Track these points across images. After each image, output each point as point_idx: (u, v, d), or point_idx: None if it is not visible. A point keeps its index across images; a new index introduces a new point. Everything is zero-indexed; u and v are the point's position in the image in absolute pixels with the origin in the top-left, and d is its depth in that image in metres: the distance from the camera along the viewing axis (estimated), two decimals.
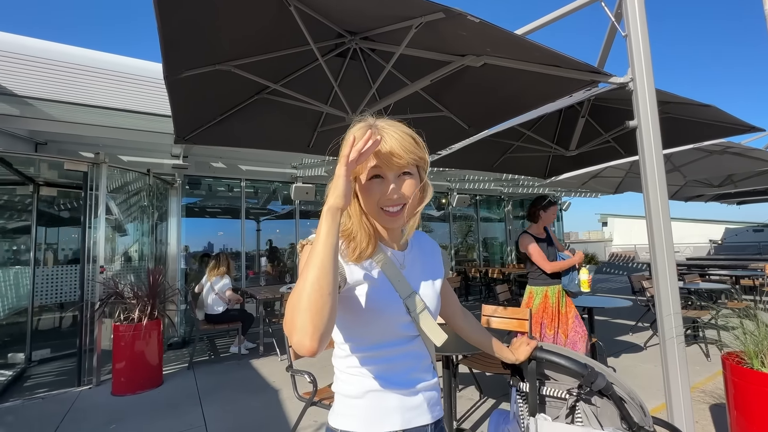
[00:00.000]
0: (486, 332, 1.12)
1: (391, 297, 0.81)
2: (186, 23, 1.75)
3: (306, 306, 0.60)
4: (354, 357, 0.82)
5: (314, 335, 0.59)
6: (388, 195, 0.77)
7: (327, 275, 0.62)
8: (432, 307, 0.87)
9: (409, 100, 2.81)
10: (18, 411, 3.17)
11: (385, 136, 0.75)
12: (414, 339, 0.84)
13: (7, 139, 4.04)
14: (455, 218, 9.30)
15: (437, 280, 0.92)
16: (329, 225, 0.65)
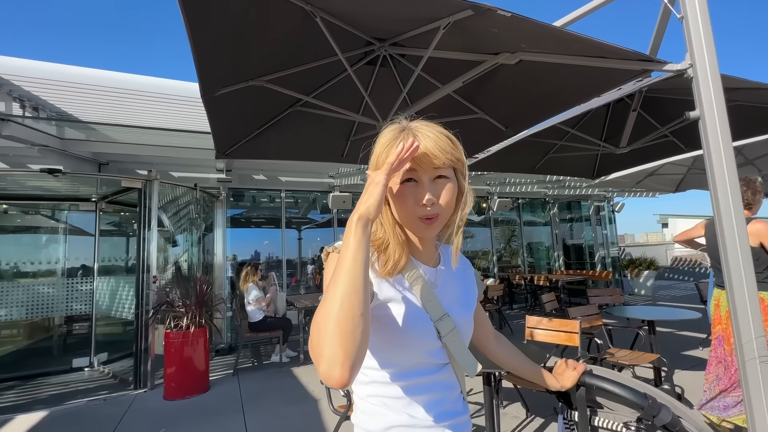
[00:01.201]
0: (524, 357, 1.01)
1: (421, 319, 0.73)
2: (217, 42, 1.80)
3: (334, 329, 0.52)
4: (377, 385, 0.74)
5: (345, 364, 0.52)
6: (422, 199, 0.69)
7: (358, 293, 0.55)
8: (465, 331, 0.79)
9: (441, 103, 2.73)
10: (83, 411, 3.43)
11: (419, 136, 0.70)
12: (444, 367, 0.76)
13: (75, 161, 4.46)
14: (497, 223, 8.97)
15: (471, 303, 0.84)
16: (359, 237, 0.59)
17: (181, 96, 4.14)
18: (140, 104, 4.03)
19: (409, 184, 0.71)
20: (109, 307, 4.91)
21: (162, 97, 3.87)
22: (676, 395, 2.80)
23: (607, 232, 9.97)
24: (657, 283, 10.09)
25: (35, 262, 4.99)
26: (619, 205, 9.85)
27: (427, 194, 0.69)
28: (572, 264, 9.94)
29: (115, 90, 3.65)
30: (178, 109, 4.26)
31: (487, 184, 7.88)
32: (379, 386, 0.73)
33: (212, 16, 1.62)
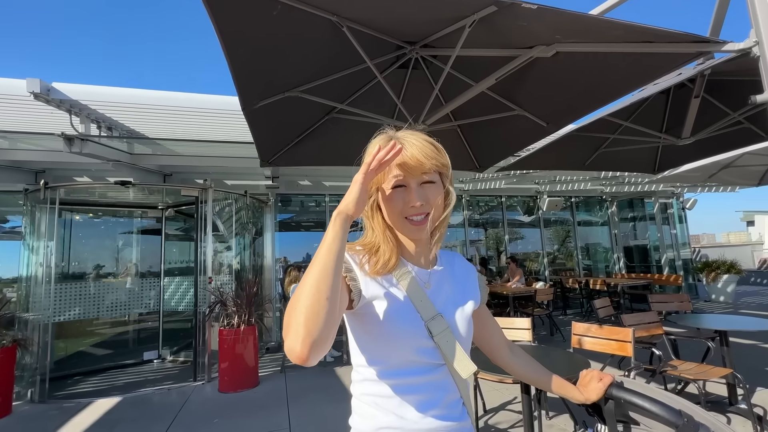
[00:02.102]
0: (541, 368, 0.96)
1: (411, 317, 0.74)
2: (252, 59, 1.92)
3: (302, 309, 0.57)
4: (368, 383, 0.76)
5: (306, 340, 0.55)
6: (411, 203, 0.74)
7: (327, 279, 0.59)
8: (460, 332, 0.78)
9: (477, 102, 2.67)
10: (150, 398, 3.81)
11: (405, 144, 0.74)
12: (437, 368, 0.75)
13: (143, 173, 4.97)
14: (548, 223, 8.51)
15: (468, 305, 0.83)
16: (336, 231, 0.64)
17: (231, 110, 4.45)
18: (197, 119, 4.37)
19: (398, 189, 0.76)
20: (174, 305, 5.40)
21: (216, 112, 4.17)
22: (756, 417, 2.46)
23: (677, 231, 9.02)
24: (739, 289, 8.94)
25: (112, 264, 5.63)
26: (691, 201, 8.89)
27: (415, 197, 0.74)
28: (635, 267, 9.13)
29: (175, 108, 4.00)
30: (230, 122, 4.58)
31: (535, 182, 7.51)
32: (371, 384, 0.75)
33: (245, 35, 1.74)
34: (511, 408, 3.07)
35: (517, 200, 8.43)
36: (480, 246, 8.26)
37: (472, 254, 8.01)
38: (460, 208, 7.73)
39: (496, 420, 2.92)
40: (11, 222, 5.60)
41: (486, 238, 8.33)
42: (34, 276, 4.13)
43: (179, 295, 5.39)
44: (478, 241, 8.27)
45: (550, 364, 2.26)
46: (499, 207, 8.09)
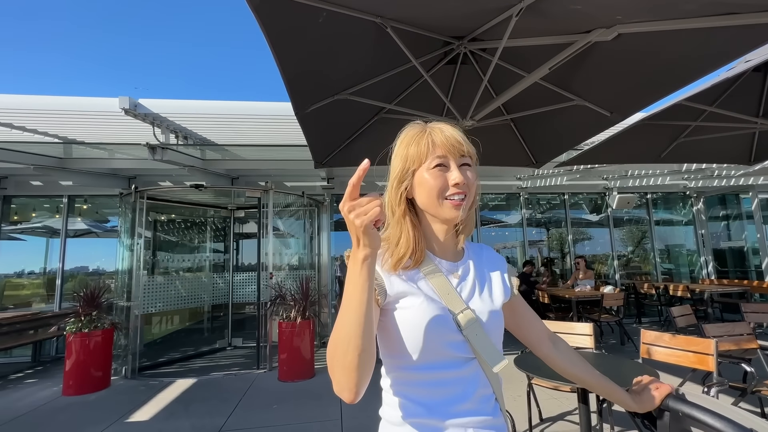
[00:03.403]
0: (588, 367, 0.88)
1: (437, 310, 0.73)
2: (302, 66, 2.02)
3: (341, 362, 0.59)
4: (398, 376, 0.75)
5: (351, 390, 0.59)
6: (455, 180, 0.74)
7: (357, 333, 0.58)
8: (490, 325, 0.76)
9: (531, 94, 2.54)
10: (219, 382, 4.18)
11: (442, 128, 0.77)
12: (468, 362, 0.74)
13: (214, 177, 5.46)
14: (619, 222, 7.79)
15: (497, 297, 0.81)
16: (361, 280, 0.59)
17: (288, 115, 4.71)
18: (259, 125, 4.70)
19: (440, 168, 0.75)
20: (241, 298, 5.88)
21: (275, 117, 4.45)
22: None
23: None
24: None
25: (191, 259, 6.27)
26: None
27: (459, 175, 0.74)
28: (728, 272, 7.99)
29: (241, 116, 4.34)
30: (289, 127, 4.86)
31: (603, 178, 6.91)
32: (399, 378, 0.75)
33: (294, 44, 1.83)
34: (571, 419, 2.86)
35: (583, 198, 7.83)
36: (542, 247, 7.81)
37: (533, 255, 7.61)
38: (517, 207, 7.38)
39: (553, 430, 2.75)
40: (111, 222, 6.48)
41: (549, 239, 7.86)
42: (127, 269, 4.74)
43: (246, 289, 5.85)
44: (539, 241, 7.82)
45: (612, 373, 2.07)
46: (562, 205, 7.57)
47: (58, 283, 5.75)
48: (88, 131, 4.21)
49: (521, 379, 2.69)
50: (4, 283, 5.90)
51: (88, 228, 6.35)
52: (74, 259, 6.05)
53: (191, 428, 3.03)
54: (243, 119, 4.21)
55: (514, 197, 7.38)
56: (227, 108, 4.06)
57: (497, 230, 7.80)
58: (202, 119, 4.02)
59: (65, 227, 5.91)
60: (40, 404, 3.64)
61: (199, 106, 3.86)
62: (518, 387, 3.22)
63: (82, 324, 3.96)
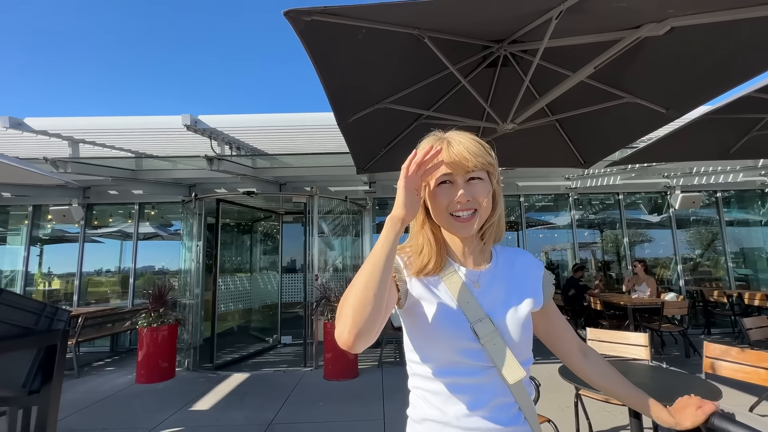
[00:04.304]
0: (620, 378, 0.86)
1: (455, 319, 0.74)
2: (343, 78, 2.12)
3: (351, 302, 0.63)
4: (418, 378, 0.79)
5: (352, 330, 0.61)
6: (457, 198, 0.74)
7: (375, 278, 0.63)
8: (512, 335, 0.76)
9: (577, 93, 2.46)
10: (270, 377, 4.43)
11: (452, 142, 0.77)
12: (484, 370, 0.74)
13: (264, 184, 5.80)
14: (683, 223, 7.16)
15: (523, 305, 0.79)
16: (386, 233, 0.67)
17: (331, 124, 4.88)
18: (306, 135, 4.92)
19: (444, 186, 0.76)
20: (290, 298, 6.18)
21: (320, 127, 4.63)
22: None
23: None
24: None
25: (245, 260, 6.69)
26: None
27: (460, 191, 0.74)
28: None
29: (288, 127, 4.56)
30: (332, 135, 5.04)
31: (664, 176, 6.39)
32: (420, 379, 0.78)
33: (336, 60, 1.94)
34: None
35: (641, 197, 7.29)
36: (595, 249, 7.37)
37: (586, 258, 7.22)
38: (566, 208, 7.05)
39: None
40: (174, 226, 7.09)
41: (603, 241, 7.40)
42: (188, 269, 5.17)
43: (294, 289, 6.13)
44: (592, 244, 7.39)
45: (667, 389, 1.94)
46: (616, 205, 7.11)
47: (131, 282, 6.41)
48: (156, 145, 4.67)
49: (570, 388, 2.59)
50: (87, 281, 6.67)
51: (155, 231, 7.00)
52: (143, 259, 6.71)
53: (245, 420, 3.26)
54: (290, 129, 4.43)
55: (563, 198, 7.05)
56: (275, 120, 4.31)
57: (545, 232, 7.50)
58: (253, 131, 4.30)
59: (136, 231, 6.57)
60: (118, 390, 4.09)
61: (250, 119, 4.13)
62: (566, 397, 3.10)
63: (151, 319, 4.39)
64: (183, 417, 3.33)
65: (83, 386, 4.25)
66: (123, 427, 3.14)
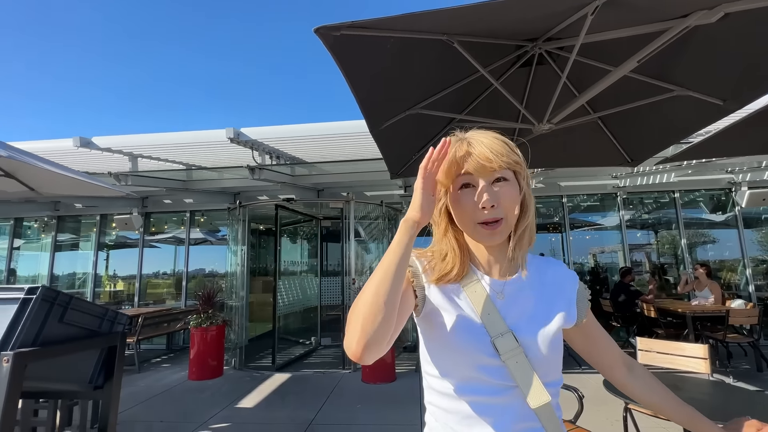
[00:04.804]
0: (671, 396, 0.78)
1: (475, 333, 0.68)
2: (373, 87, 2.16)
3: (360, 310, 0.60)
4: (432, 392, 0.74)
5: (361, 340, 0.58)
6: (482, 203, 0.68)
7: (386, 284, 0.59)
8: (537, 353, 0.68)
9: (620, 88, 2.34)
10: (309, 378, 4.56)
11: (472, 142, 0.71)
12: (506, 390, 0.67)
13: (303, 190, 6.00)
14: (753, 222, 6.49)
15: (554, 321, 0.72)
16: (400, 237, 0.64)
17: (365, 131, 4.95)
18: (341, 142, 5.03)
19: (466, 190, 0.70)
20: (329, 300, 6.33)
21: (354, 135, 4.73)
22: None
23: None
24: None
25: (287, 264, 6.95)
26: None
27: (485, 196, 0.68)
28: None
29: (324, 135, 4.69)
30: (367, 142, 5.12)
31: (727, 171, 5.84)
32: (435, 395, 0.73)
33: (365, 70, 1.98)
34: None
35: (701, 195, 6.70)
36: (650, 251, 6.87)
37: (639, 260, 6.75)
38: (614, 208, 6.63)
39: None
40: (221, 231, 7.52)
41: (657, 243, 6.89)
42: (234, 272, 5.47)
43: (332, 292, 6.28)
44: (646, 245, 6.90)
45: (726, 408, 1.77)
46: (672, 204, 6.58)
47: (183, 284, 6.88)
48: (204, 157, 5.00)
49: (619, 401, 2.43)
50: (146, 282, 7.25)
51: (204, 237, 7.47)
52: (195, 263, 7.17)
53: (287, 419, 3.38)
54: (326, 138, 4.56)
55: (610, 197, 6.65)
56: (312, 129, 4.46)
57: (592, 233, 7.10)
58: (292, 141, 4.48)
59: (188, 236, 7.04)
60: (173, 385, 4.40)
61: (289, 130, 4.31)
62: (615, 410, 2.91)
63: (201, 320, 4.68)
64: (230, 413, 3.52)
65: (143, 381, 4.62)
66: (178, 420, 3.38)
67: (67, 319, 1.35)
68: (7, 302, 1.25)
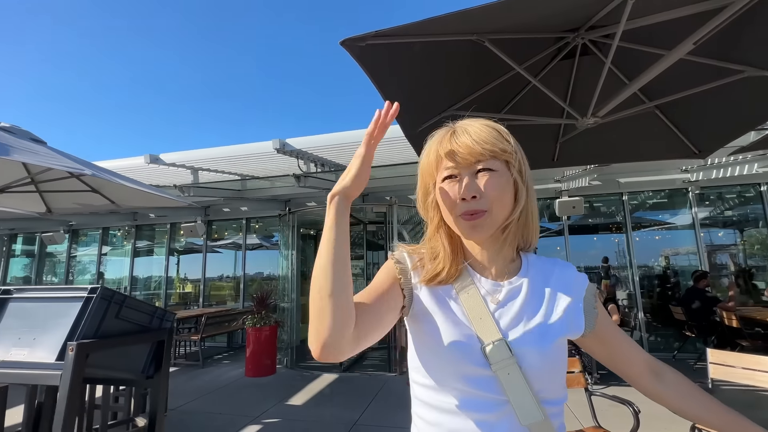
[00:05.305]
0: (712, 402, 0.67)
1: (463, 338, 0.62)
2: (405, 93, 2.18)
3: (311, 310, 0.56)
4: (419, 403, 0.67)
5: (316, 341, 0.54)
6: (461, 194, 0.63)
7: (326, 275, 0.55)
8: (533, 365, 0.61)
9: (676, 74, 2.16)
10: (356, 380, 4.66)
11: (457, 131, 0.67)
12: (497, 405, 0.60)
13: None
14: None
15: (556, 329, 0.64)
16: (331, 218, 0.59)
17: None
18: (383, 146, 5.11)
19: (451, 181, 0.66)
20: None
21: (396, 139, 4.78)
22: None
23: None
24: None
25: None
26: None
27: (464, 186, 0.63)
28: None
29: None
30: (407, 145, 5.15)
31: None
32: (421, 406, 0.67)
33: (395, 77, 2.01)
34: None
35: None
36: (735, 253, 6.10)
37: (722, 262, 6.03)
38: (685, 205, 5.98)
39: None
40: (275, 237, 7.96)
41: (744, 243, 6.10)
42: (285, 275, 5.75)
43: None
44: (729, 246, 6.14)
45: None
46: (758, 199, 5.79)
47: (241, 287, 7.37)
48: (255, 168, 5.35)
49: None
50: (210, 285, 7.87)
51: (260, 242, 7.96)
52: (253, 266, 7.67)
53: (332, 417, 3.48)
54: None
55: (680, 193, 6.01)
56: (353, 136, 4.59)
57: (661, 233, 6.47)
58: (334, 148, 4.64)
59: (244, 242, 7.54)
60: (231, 381, 4.73)
61: (331, 138, 4.47)
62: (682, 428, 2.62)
63: (255, 320, 4.99)
64: (280, 410, 3.71)
65: (206, 376, 5.01)
66: (234, 413, 3.62)
67: (122, 316, 1.56)
68: (74, 300, 1.48)
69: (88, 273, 8.89)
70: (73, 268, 9.01)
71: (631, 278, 5.90)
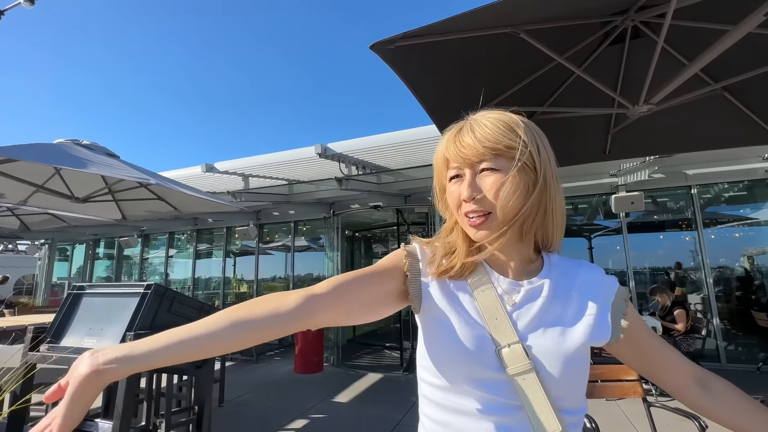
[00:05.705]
0: (765, 412, 0.60)
1: (477, 339, 0.58)
2: (440, 92, 2.16)
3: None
4: (427, 401, 0.64)
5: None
6: (463, 195, 0.61)
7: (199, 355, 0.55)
8: (551, 372, 0.57)
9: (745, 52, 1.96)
10: (399, 380, 4.69)
11: (464, 128, 0.64)
12: (511, 410, 0.57)
13: (389, 197, 6.22)
14: None
15: (578, 335, 0.60)
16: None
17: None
18: (424, 147, 5.10)
19: (455, 180, 0.64)
20: None
21: (437, 139, 4.75)
22: None
23: None
24: None
25: None
26: None
27: (464, 187, 0.60)
28: None
29: (406, 143, 4.83)
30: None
31: None
32: (428, 405, 0.64)
33: (429, 76, 2.00)
34: None
35: None
36: None
37: None
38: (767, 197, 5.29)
39: None
40: (322, 239, 8.24)
41: None
42: (331, 276, 5.91)
43: None
44: None
45: None
46: None
47: (291, 287, 7.71)
48: (301, 172, 5.58)
49: None
50: (263, 285, 8.32)
51: (307, 244, 8.27)
52: (302, 267, 8.01)
53: (376, 416, 3.52)
54: (408, 145, 4.68)
55: (762, 184, 5.32)
56: (393, 138, 4.62)
57: (742, 230, 5.78)
58: (374, 150, 4.71)
59: (293, 244, 7.88)
60: (282, 376, 4.96)
61: (371, 140, 4.54)
62: None
63: None
64: (327, 406, 3.82)
65: (258, 371, 5.31)
66: (283, 408, 3.80)
67: (174, 310, 1.72)
68: (133, 296, 1.67)
69: (157, 274, 9.80)
70: (145, 270, 9.99)
71: (704, 280, 5.32)
